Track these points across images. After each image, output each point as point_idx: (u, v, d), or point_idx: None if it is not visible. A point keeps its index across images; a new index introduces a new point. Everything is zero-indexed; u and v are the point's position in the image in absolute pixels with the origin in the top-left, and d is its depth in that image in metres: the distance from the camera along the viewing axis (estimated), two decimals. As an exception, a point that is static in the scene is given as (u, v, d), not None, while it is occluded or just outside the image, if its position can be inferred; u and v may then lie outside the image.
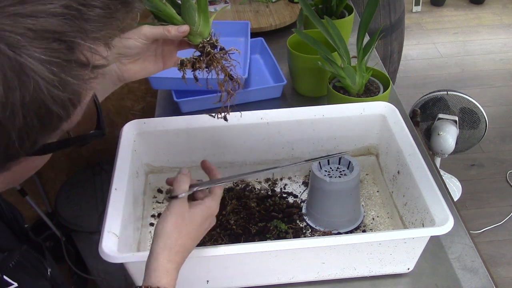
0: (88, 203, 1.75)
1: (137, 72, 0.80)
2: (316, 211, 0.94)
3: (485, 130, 2.04)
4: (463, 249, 0.90)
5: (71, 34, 0.38)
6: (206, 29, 0.75)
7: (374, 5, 1.01)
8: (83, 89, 0.41)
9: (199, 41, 0.76)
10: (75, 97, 0.41)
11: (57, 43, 0.38)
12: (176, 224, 0.67)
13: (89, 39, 0.40)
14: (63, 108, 0.40)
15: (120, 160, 0.89)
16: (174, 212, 0.68)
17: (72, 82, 0.39)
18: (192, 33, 0.75)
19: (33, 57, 0.36)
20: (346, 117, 0.99)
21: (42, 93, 0.38)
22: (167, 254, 0.65)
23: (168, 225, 0.67)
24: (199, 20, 0.74)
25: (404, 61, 2.62)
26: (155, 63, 0.81)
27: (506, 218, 2.23)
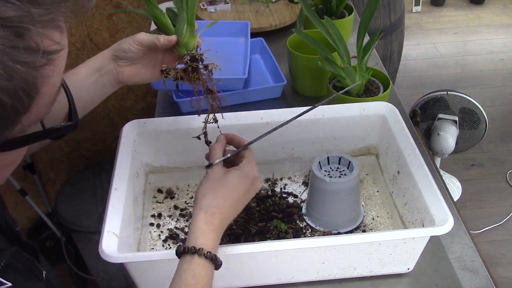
0: (88, 203, 1.75)
1: (132, 76, 0.83)
2: (316, 211, 0.94)
3: (485, 130, 2.04)
4: (463, 249, 0.90)
5: (17, 19, 0.36)
6: (191, 41, 0.79)
7: (374, 5, 1.01)
8: (36, 77, 0.39)
9: (184, 52, 0.79)
10: (28, 87, 0.38)
11: (2, 30, 0.36)
12: (211, 187, 0.70)
13: (37, 24, 0.38)
14: (16, 99, 0.38)
15: (120, 160, 0.89)
16: (209, 177, 0.71)
17: (21, 70, 0.37)
18: (179, 44, 0.79)
19: None
20: (346, 117, 0.99)
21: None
22: (202, 216, 0.67)
23: (203, 189, 0.70)
24: (186, 32, 0.78)
25: (404, 61, 2.62)
26: (152, 71, 0.84)
27: (506, 218, 2.23)
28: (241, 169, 0.72)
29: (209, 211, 0.68)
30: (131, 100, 1.90)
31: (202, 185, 0.71)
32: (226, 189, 0.70)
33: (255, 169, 0.74)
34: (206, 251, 0.64)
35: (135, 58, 0.81)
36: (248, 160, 0.74)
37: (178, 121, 0.98)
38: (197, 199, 0.70)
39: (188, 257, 0.64)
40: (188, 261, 0.64)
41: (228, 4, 1.65)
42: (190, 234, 0.67)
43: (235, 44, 1.37)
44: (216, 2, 1.65)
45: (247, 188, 0.72)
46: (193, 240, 0.65)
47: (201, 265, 0.64)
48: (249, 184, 0.72)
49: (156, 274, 0.78)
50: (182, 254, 0.65)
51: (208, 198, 0.69)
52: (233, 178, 0.71)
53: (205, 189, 0.70)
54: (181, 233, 0.95)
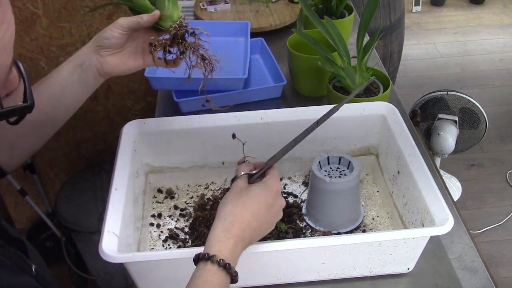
0: (88, 203, 1.75)
1: (117, 66, 0.83)
2: (316, 211, 0.94)
3: (485, 130, 2.04)
4: (463, 249, 0.90)
5: None
6: (175, 12, 0.80)
7: (374, 5, 1.01)
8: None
9: (169, 25, 0.80)
10: None
11: None
12: (232, 198, 0.70)
13: None
14: None
15: (120, 160, 0.89)
16: (232, 189, 0.72)
17: None
18: (162, 18, 0.80)
19: None
20: (346, 117, 0.99)
21: None
22: (221, 224, 0.67)
23: (224, 200, 0.70)
24: (168, 4, 0.80)
25: (404, 61, 2.62)
26: (134, 59, 0.84)
27: (506, 218, 2.23)
28: (264, 182, 0.73)
29: (228, 220, 0.67)
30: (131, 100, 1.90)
31: (224, 197, 0.71)
32: (246, 199, 0.69)
33: (278, 184, 0.73)
34: (219, 259, 0.63)
35: (118, 45, 0.82)
36: (271, 176, 0.74)
37: (178, 121, 0.98)
38: (218, 210, 0.69)
39: (201, 264, 0.64)
40: (202, 268, 0.63)
41: (228, 4, 1.65)
42: (207, 242, 0.66)
43: (235, 44, 1.37)
44: (216, 2, 1.65)
45: (269, 202, 0.71)
46: (208, 248, 0.65)
47: (213, 272, 0.63)
48: (270, 197, 0.71)
49: (156, 274, 0.78)
50: (197, 261, 0.65)
51: (227, 208, 0.68)
52: (255, 190, 0.71)
53: (227, 200, 0.70)
54: (181, 233, 0.95)
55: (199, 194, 1.02)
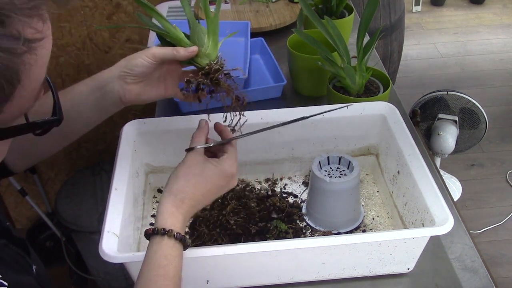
0: (88, 203, 1.75)
1: (139, 95, 0.81)
2: (316, 211, 0.94)
3: (485, 130, 2.04)
4: (463, 249, 0.90)
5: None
6: (214, 51, 0.78)
7: (374, 5, 1.01)
8: (17, 64, 0.40)
9: (205, 63, 0.77)
10: (10, 74, 0.39)
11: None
12: (186, 172, 0.70)
13: (19, 11, 0.39)
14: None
15: (120, 160, 0.89)
16: (186, 161, 0.71)
17: (2, 56, 0.38)
18: (199, 55, 0.77)
19: None
20: (346, 117, 0.99)
21: None
22: (172, 199, 0.68)
23: (178, 172, 0.70)
24: (208, 42, 0.77)
25: (404, 61, 2.62)
26: (157, 88, 0.82)
27: (506, 218, 2.23)
28: (221, 163, 0.72)
29: (179, 196, 0.68)
30: (131, 100, 1.90)
31: (177, 168, 0.71)
32: (200, 178, 0.70)
33: (234, 166, 0.73)
34: (176, 232, 0.65)
35: (144, 74, 0.79)
36: (229, 155, 0.74)
37: (178, 121, 0.98)
38: (169, 180, 0.70)
39: (158, 238, 0.65)
40: (158, 242, 0.65)
41: (228, 4, 1.65)
42: (158, 215, 0.67)
43: (235, 44, 1.37)
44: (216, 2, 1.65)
45: (222, 184, 0.72)
46: (162, 222, 0.66)
47: (171, 245, 0.65)
48: (225, 180, 0.72)
49: (156, 274, 0.78)
50: (151, 235, 0.66)
51: (180, 182, 0.69)
52: (210, 170, 0.71)
53: (180, 173, 0.70)
54: (181, 233, 0.95)
55: (199, 194, 1.02)
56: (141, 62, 0.77)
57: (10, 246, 0.64)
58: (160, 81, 0.83)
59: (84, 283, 1.95)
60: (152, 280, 0.63)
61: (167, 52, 0.76)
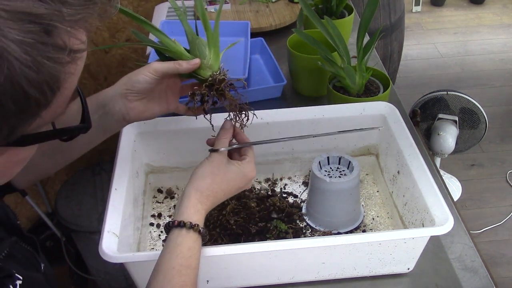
0: (88, 203, 1.75)
1: (142, 112, 0.80)
2: (316, 211, 0.94)
3: (485, 130, 2.04)
4: (463, 249, 0.90)
5: (47, 17, 0.38)
6: (216, 62, 0.79)
7: (374, 5, 1.01)
8: (60, 72, 0.40)
9: (208, 75, 0.78)
10: (52, 82, 0.40)
11: (33, 25, 0.37)
12: (212, 172, 0.73)
13: (66, 23, 0.39)
14: (40, 92, 0.39)
15: (120, 160, 0.89)
16: (213, 161, 0.74)
17: (48, 64, 0.39)
18: (202, 67, 0.78)
19: (6, 37, 0.36)
20: (346, 117, 0.99)
21: (17, 74, 0.37)
22: (199, 196, 0.71)
23: (204, 170, 0.73)
24: (210, 54, 0.77)
25: (404, 61, 2.62)
26: (159, 104, 0.82)
27: (506, 218, 2.23)
28: (243, 166, 0.76)
29: (205, 193, 0.72)
30: (131, 100, 1.90)
31: (203, 166, 0.74)
32: (224, 178, 0.74)
33: (254, 170, 0.78)
34: (202, 228, 0.69)
35: (146, 90, 0.78)
36: (250, 159, 0.78)
37: (178, 121, 0.98)
38: (195, 177, 0.73)
39: (184, 231, 0.68)
40: (184, 235, 0.68)
41: (228, 4, 1.65)
42: (184, 209, 0.70)
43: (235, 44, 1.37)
44: (216, 2, 1.65)
45: (241, 185, 0.76)
46: (188, 216, 0.69)
47: (195, 239, 0.68)
48: (244, 182, 0.76)
49: (156, 274, 0.78)
50: (176, 227, 0.68)
51: (206, 181, 0.72)
52: (234, 172, 0.75)
53: (206, 172, 0.73)
54: (181, 233, 0.95)
55: (199, 194, 1.02)
56: (143, 78, 0.76)
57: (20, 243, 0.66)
58: (162, 97, 0.82)
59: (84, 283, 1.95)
60: (175, 269, 0.65)
61: (169, 66, 0.76)
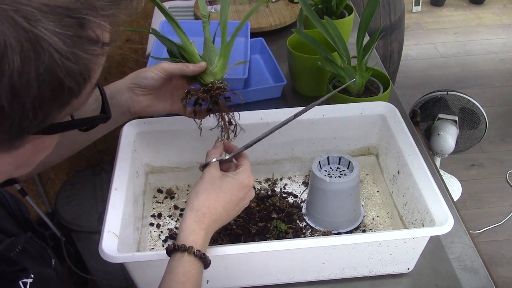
0: (88, 203, 1.75)
1: (147, 107, 0.86)
2: (316, 211, 0.94)
3: (485, 130, 2.04)
4: (463, 249, 0.90)
5: (82, 11, 0.40)
6: (220, 72, 0.82)
7: (374, 5, 1.01)
8: (93, 64, 0.43)
9: (210, 81, 0.81)
10: (86, 72, 0.42)
11: (69, 19, 0.39)
12: (205, 188, 0.71)
13: (99, 17, 0.41)
14: (74, 81, 0.41)
15: (120, 160, 0.89)
16: (204, 178, 0.72)
17: (84, 56, 0.41)
18: (206, 72, 0.81)
19: (48, 30, 0.38)
20: (346, 117, 0.99)
21: (56, 64, 0.39)
22: (194, 215, 0.68)
23: (196, 189, 0.71)
24: (218, 63, 0.82)
25: (404, 61, 2.62)
26: (163, 102, 0.87)
27: (506, 218, 2.23)
28: (238, 175, 0.74)
29: (200, 211, 0.69)
30: (131, 100, 1.90)
31: (196, 185, 0.72)
32: (219, 191, 0.71)
33: (251, 177, 0.75)
34: (196, 250, 0.66)
35: (153, 87, 0.84)
36: (244, 168, 0.76)
37: (178, 121, 0.98)
38: (189, 198, 0.71)
39: (178, 254, 0.66)
40: (178, 259, 0.65)
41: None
42: (180, 232, 0.68)
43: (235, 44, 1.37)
44: (216, 2, 1.65)
45: (240, 196, 0.73)
46: (183, 239, 0.67)
47: (190, 263, 0.65)
48: (243, 192, 0.73)
49: (156, 274, 0.78)
50: (172, 252, 0.66)
51: (200, 198, 0.70)
52: (228, 182, 0.72)
53: (199, 189, 0.71)
54: (181, 233, 0.95)
55: (199, 194, 1.02)
56: (150, 75, 0.82)
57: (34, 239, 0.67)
58: (167, 96, 0.87)
59: (84, 283, 1.95)
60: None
61: (176, 67, 0.81)
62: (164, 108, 0.88)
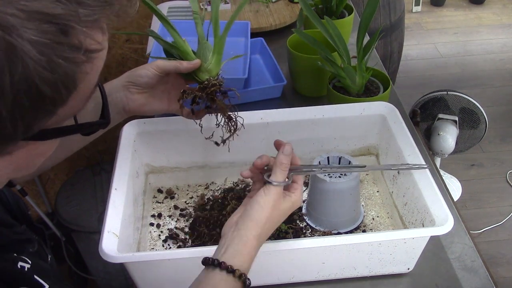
0: (88, 203, 1.75)
1: (142, 105, 0.86)
2: (316, 211, 0.94)
3: (485, 130, 2.05)
4: (463, 249, 0.90)
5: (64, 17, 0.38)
6: (215, 68, 0.82)
7: (374, 5, 1.01)
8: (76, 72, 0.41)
9: (205, 78, 0.81)
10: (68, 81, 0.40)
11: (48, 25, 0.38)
12: (271, 215, 0.68)
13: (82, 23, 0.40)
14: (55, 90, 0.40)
15: (120, 160, 0.89)
16: (272, 201, 0.68)
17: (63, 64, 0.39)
18: (201, 70, 0.81)
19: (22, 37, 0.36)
20: (346, 117, 0.99)
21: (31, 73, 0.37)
22: (256, 243, 0.67)
23: (263, 214, 0.68)
24: (212, 59, 0.81)
25: (404, 61, 2.62)
26: (160, 101, 0.87)
27: (506, 218, 2.23)
28: (294, 198, 0.72)
29: (262, 238, 0.68)
30: (131, 100, 1.90)
31: (264, 206, 0.68)
32: (279, 218, 0.70)
33: (301, 199, 0.75)
34: (241, 273, 0.63)
35: (148, 85, 0.83)
36: (299, 187, 0.73)
37: (178, 121, 0.98)
38: (255, 220, 0.67)
39: (230, 277, 0.63)
40: (225, 280, 0.63)
41: (228, 4, 1.65)
42: (238, 254, 0.64)
43: (235, 44, 1.37)
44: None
45: (289, 213, 0.72)
46: (239, 262, 0.64)
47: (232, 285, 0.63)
48: (292, 209, 0.72)
49: (156, 274, 0.78)
50: (219, 268, 0.63)
51: (265, 226, 0.68)
52: (287, 209, 0.71)
53: (266, 216, 0.68)
54: (181, 233, 0.95)
55: (199, 194, 1.02)
56: (145, 72, 0.81)
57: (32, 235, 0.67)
58: (164, 95, 0.86)
59: (84, 283, 1.95)
60: None
61: (171, 64, 0.81)
62: (161, 107, 0.87)
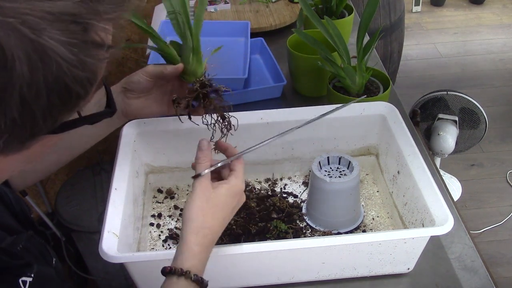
0: (88, 203, 1.75)
1: (140, 109, 0.87)
2: (316, 211, 0.94)
3: (485, 130, 2.04)
4: (463, 249, 0.90)
5: (86, 16, 0.40)
6: (198, 68, 0.81)
7: (374, 5, 1.01)
8: (98, 68, 0.43)
9: (192, 80, 0.81)
10: (92, 76, 0.43)
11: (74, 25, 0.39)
12: (201, 207, 0.67)
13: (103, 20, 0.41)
14: (82, 87, 0.42)
15: (120, 160, 0.89)
16: (198, 193, 0.67)
17: (90, 62, 0.41)
18: (187, 72, 0.81)
19: (53, 39, 0.38)
20: (346, 117, 0.99)
21: (64, 73, 0.39)
22: (194, 238, 0.65)
23: (193, 209, 0.66)
24: (193, 60, 0.80)
25: (404, 61, 2.62)
26: (159, 104, 0.88)
27: (506, 218, 2.23)
28: (231, 185, 0.69)
29: (201, 233, 0.65)
30: (131, 100, 1.90)
31: (191, 202, 0.67)
32: (215, 208, 0.67)
33: (242, 183, 0.71)
34: (193, 274, 0.63)
35: (143, 90, 0.85)
36: (236, 174, 0.71)
37: (178, 121, 0.97)
38: (187, 218, 0.66)
39: (174, 278, 0.63)
40: (175, 282, 0.62)
41: (228, 4, 1.65)
42: (179, 255, 0.64)
43: (235, 44, 1.37)
44: (216, 2, 1.65)
45: (234, 204, 0.70)
46: (181, 262, 0.64)
47: (186, 286, 0.62)
48: (236, 200, 0.70)
49: (156, 274, 0.78)
50: (168, 274, 0.63)
51: (199, 219, 0.66)
52: (223, 195, 0.68)
53: (195, 210, 0.66)
54: (181, 233, 0.95)
55: (199, 194, 1.02)
56: (136, 78, 0.83)
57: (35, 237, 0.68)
58: (163, 99, 0.87)
59: (84, 283, 1.95)
60: None
61: (157, 69, 0.82)
62: (160, 110, 0.88)
